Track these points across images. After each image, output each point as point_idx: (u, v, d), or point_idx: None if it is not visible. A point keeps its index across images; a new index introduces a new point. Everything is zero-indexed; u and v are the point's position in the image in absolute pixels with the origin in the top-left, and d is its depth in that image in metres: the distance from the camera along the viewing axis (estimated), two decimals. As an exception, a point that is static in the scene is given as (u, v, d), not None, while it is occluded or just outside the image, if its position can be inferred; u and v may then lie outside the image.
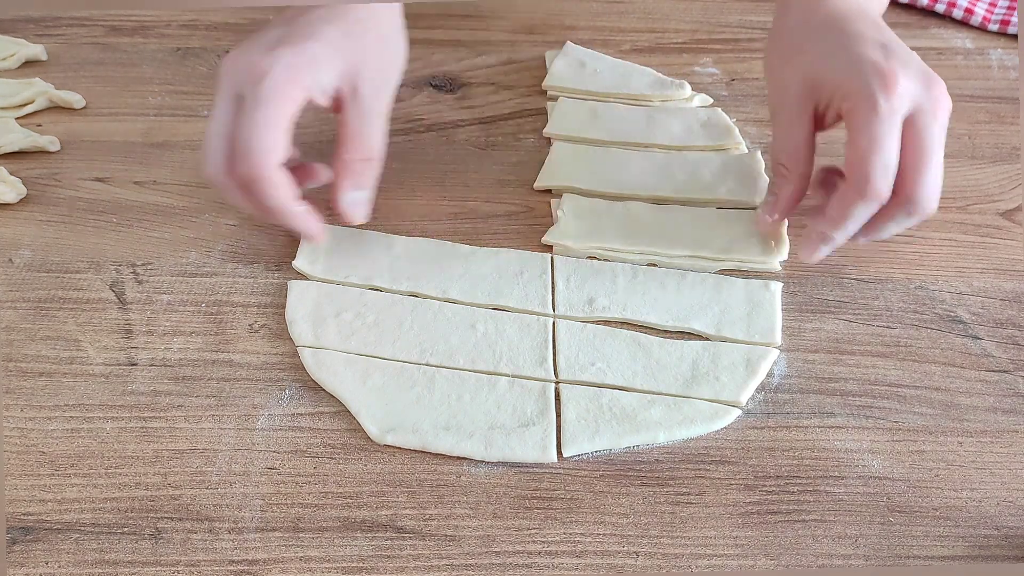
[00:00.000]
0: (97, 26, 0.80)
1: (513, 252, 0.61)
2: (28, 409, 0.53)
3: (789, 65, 0.58)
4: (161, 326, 0.57)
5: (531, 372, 0.55)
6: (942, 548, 0.48)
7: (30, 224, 0.63)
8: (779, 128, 0.59)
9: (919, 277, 0.62)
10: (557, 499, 0.50)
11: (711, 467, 0.51)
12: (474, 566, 0.47)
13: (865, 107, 0.52)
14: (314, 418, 0.53)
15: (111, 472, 0.50)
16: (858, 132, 0.52)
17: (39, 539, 0.47)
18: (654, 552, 0.48)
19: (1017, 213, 0.66)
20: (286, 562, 0.47)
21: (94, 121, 0.71)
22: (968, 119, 0.74)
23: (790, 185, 0.58)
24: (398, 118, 0.72)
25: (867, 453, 0.52)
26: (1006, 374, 0.56)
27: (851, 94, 0.53)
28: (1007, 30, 0.82)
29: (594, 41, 0.80)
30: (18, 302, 0.58)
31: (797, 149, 0.57)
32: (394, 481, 0.50)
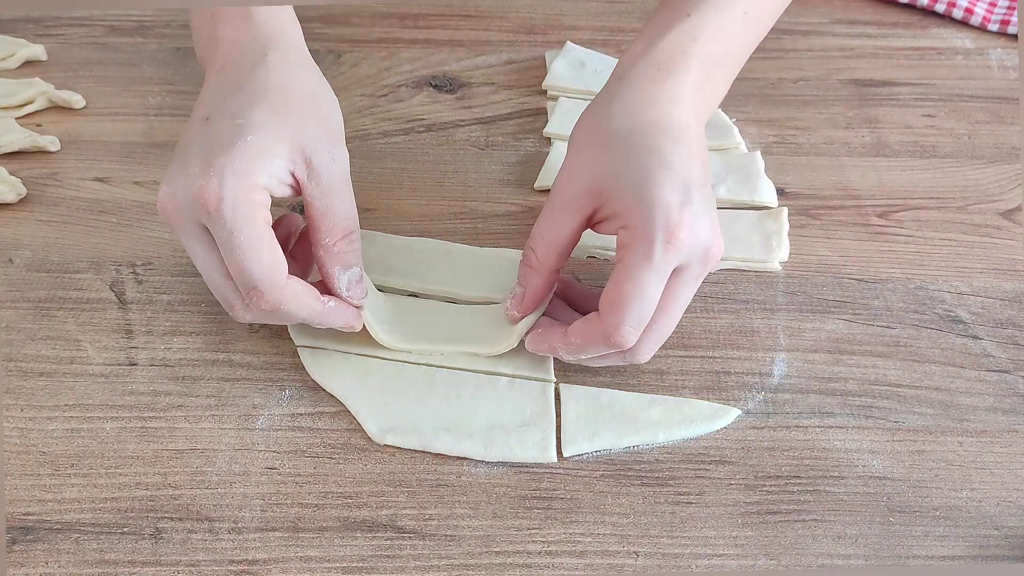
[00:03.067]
0: (97, 26, 0.80)
1: (513, 252, 0.61)
2: (28, 409, 0.53)
3: (589, 156, 0.52)
4: (161, 326, 0.57)
5: (531, 372, 0.55)
6: (942, 548, 0.48)
7: (30, 224, 0.63)
8: (548, 214, 0.52)
9: (919, 277, 0.62)
10: (557, 499, 0.50)
11: (711, 467, 0.51)
12: (474, 566, 0.47)
13: (641, 249, 0.48)
14: (314, 418, 0.53)
15: (111, 472, 0.50)
16: (625, 272, 0.48)
17: (39, 539, 0.47)
18: (654, 552, 0.48)
19: (1017, 213, 0.66)
20: (286, 562, 0.47)
21: (94, 121, 0.71)
22: (968, 119, 0.74)
23: (538, 278, 0.53)
24: (398, 118, 0.72)
25: (867, 453, 0.52)
26: (1006, 374, 0.56)
27: (633, 228, 0.49)
28: (1007, 30, 0.82)
29: (594, 41, 0.80)
30: (18, 302, 0.58)
31: (557, 243, 0.52)
32: (394, 481, 0.50)
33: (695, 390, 0.55)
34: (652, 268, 0.48)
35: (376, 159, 0.69)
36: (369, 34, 0.80)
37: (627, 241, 0.49)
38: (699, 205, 0.49)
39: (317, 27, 0.80)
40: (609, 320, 0.49)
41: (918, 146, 0.71)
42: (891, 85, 0.77)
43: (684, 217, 0.48)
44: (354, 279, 0.53)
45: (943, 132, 0.73)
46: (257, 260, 0.48)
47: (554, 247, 0.52)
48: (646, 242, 0.48)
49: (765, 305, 0.60)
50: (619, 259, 0.49)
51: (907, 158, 0.70)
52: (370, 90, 0.75)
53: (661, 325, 0.50)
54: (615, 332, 0.48)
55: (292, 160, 0.50)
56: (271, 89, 0.51)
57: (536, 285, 0.53)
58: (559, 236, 0.52)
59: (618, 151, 0.51)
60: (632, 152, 0.51)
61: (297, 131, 0.51)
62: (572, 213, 0.52)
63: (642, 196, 0.49)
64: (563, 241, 0.52)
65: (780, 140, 0.71)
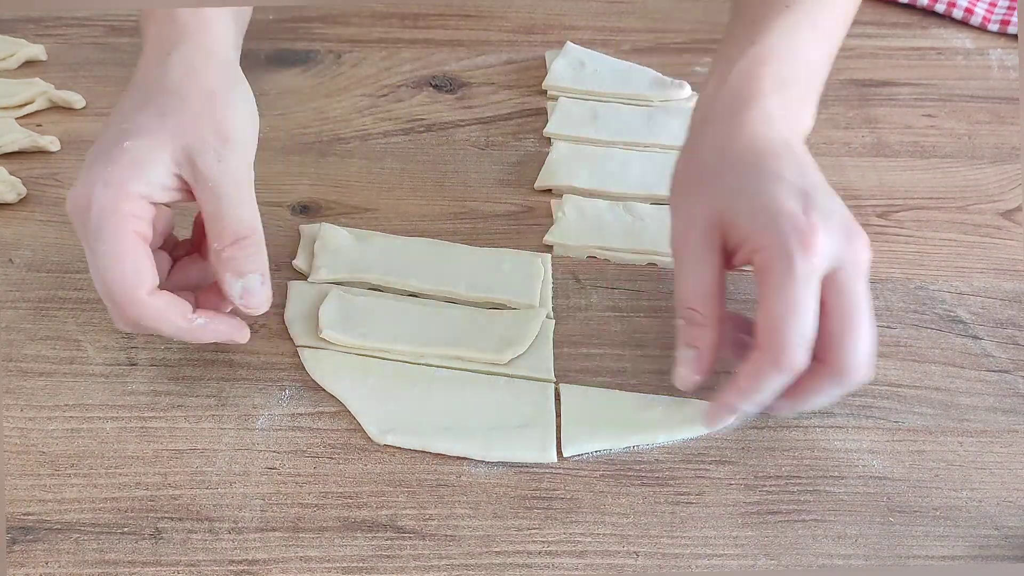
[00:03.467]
0: (97, 26, 0.80)
1: (513, 252, 0.61)
2: (28, 409, 0.53)
3: (698, 197, 0.51)
4: (161, 326, 0.57)
5: (531, 372, 0.55)
6: (942, 548, 0.48)
7: (30, 224, 0.63)
8: (685, 267, 0.50)
9: (919, 277, 0.62)
10: (557, 499, 0.50)
11: (711, 467, 0.51)
12: (474, 566, 0.47)
13: (780, 267, 0.46)
14: (314, 418, 0.53)
15: (111, 472, 0.50)
16: (772, 294, 0.46)
17: (39, 539, 0.47)
18: (654, 552, 0.48)
19: (1017, 213, 0.66)
20: (286, 562, 0.47)
21: (94, 121, 0.71)
22: (968, 119, 0.74)
23: (710, 332, 0.50)
24: (398, 118, 0.72)
25: (867, 453, 0.52)
26: (1006, 374, 0.56)
27: (765, 249, 0.47)
28: (1007, 30, 0.82)
29: (594, 41, 0.80)
30: (18, 302, 0.58)
31: (708, 291, 0.50)
32: (394, 481, 0.50)
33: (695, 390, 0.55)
34: (796, 280, 0.46)
35: (376, 159, 0.69)
36: (369, 34, 0.80)
37: (764, 263, 0.47)
38: (825, 206, 0.47)
39: (317, 27, 0.80)
40: (772, 347, 0.46)
41: (918, 146, 0.71)
42: (891, 85, 0.77)
43: (812, 219, 0.46)
44: (251, 287, 0.50)
45: (943, 132, 0.73)
46: (117, 272, 0.47)
47: (712, 296, 0.50)
48: (782, 257, 0.46)
49: (765, 305, 0.59)
50: (762, 283, 0.47)
51: (907, 158, 0.70)
52: (370, 90, 0.75)
53: (856, 334, 0.47)
54: (781, 355, 0.46)
55: (177, 163, 0.49)
56: (166, 91, 0.50)
57: (710, 340, 0.50)
58: (706, 284, 0.50)
59: (725, 181, 0.50)
60: (740, 177, 0.49)
61: (183, 133, 0.49)
62: (706, 255, 0.50)
63: (763, 216, 0.47)
64: (715, 285, 0.50)
65: (780, 140, 0.71)
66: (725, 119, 0.52)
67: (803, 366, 0.46)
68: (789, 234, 0.46)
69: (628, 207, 0.64)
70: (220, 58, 0.53)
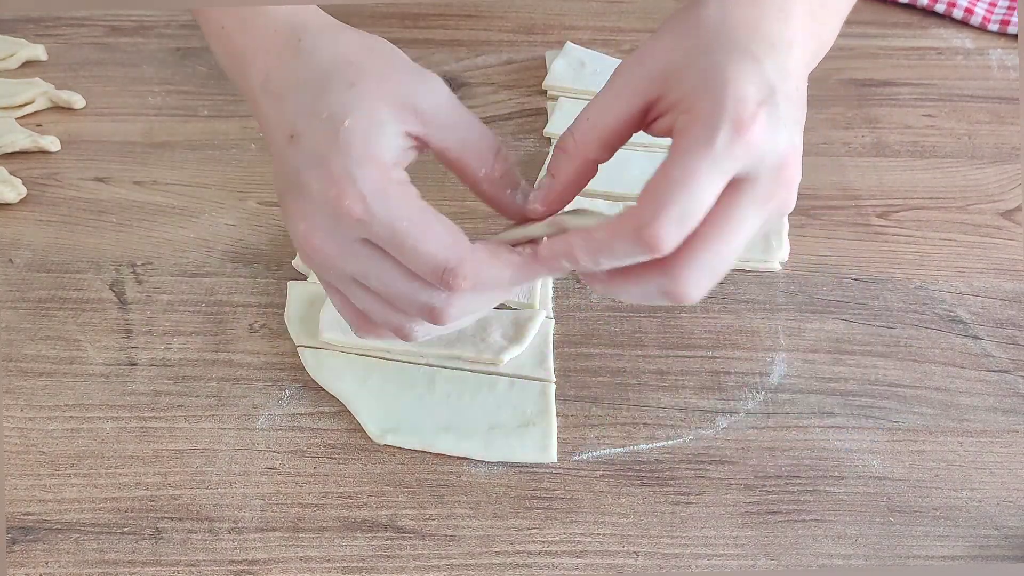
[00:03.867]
0: (97, 26, 0.80)
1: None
2: (28, 409, 0.53)
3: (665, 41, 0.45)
4: (161, 326, 0.57)
5: (531, 372, 0.55)
6: (942, 548, 0.48)
7: (30, 224, 0.63)
8: (600, 95, 0.45)
9: (919, 277, 0.62)
10: (557, 499, 0.50)
11: (711, 467, 0.51)
12: (474, 566, 0.47)
13: (699, 135, 0.40)
14: (314, 418, 0.53)
15: (111, 472, 0.50)
16: (674, 159, 0.40)
17: (39, 539, 0.47)
18: (654, 552, 0.48)
19: (1017, 213, 0.66)
20: (286, 562, 0.47)
21: (94, 121, 0.71)
22: (968, 119, 0.74)
23: (570, 165, 0.45)
24: (398, 118, 0.72)
25: (867, 453, 0.52)
26: (1006, 374, 0.56)
27: (693, 111, 0.41)
28: (1007, 30, 0.82)
29: (594, 41, 0.80)
30: (18, 302, 0.58)
31: (601, 126, 0.44)
32: (394, 481, 0.50)
33: (695, 390, 0.55)
34: (709, 157, 0.39)
35: (376, 159, 0.69)
36: (369, 34, 0.80)
37: (685, 126, 0.41)
38: (784, 112, 0.41)
39: (317, 27, 0.80)
40: (645, 209, 0.40)
41: (918, 146, 0.71)
42: (891, 85, 0.77)
43: (760, 113, 0.40)
44: (526, 193, 0.46)
45: (943, 132, 0.73)
46: (435, 237, 0.42)
47: (597, 130, 0.44)
48: (708, 127, 0.39)
49: (765, 305, 0.60)
50: (672, 147, 0.41)
51: (907, 158, 0.70)
52: (370, 90, 0.75)
53: (714, 248, 0.41)
54: (650, 224, 0.39)
55: (400, 119, 0.44)
56: (328, 70, 0.45)
57: (567, 173, 0.45)
58: (606, 119, 0.44)
59: (701, 38, 0.43)
60: (717, 41, 0.43)
61: (384, 89, 0.44)
62: (628, 96, 0.44)
63: (714, 80, 0.41)
64: (609, 125, 0.44)
65: (780, 140, 0.71)
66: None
67: (665, 249, 0.40)
68: (728, 109, 0.40)
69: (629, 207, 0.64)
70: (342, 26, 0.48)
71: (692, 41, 0.43)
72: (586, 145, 0.44)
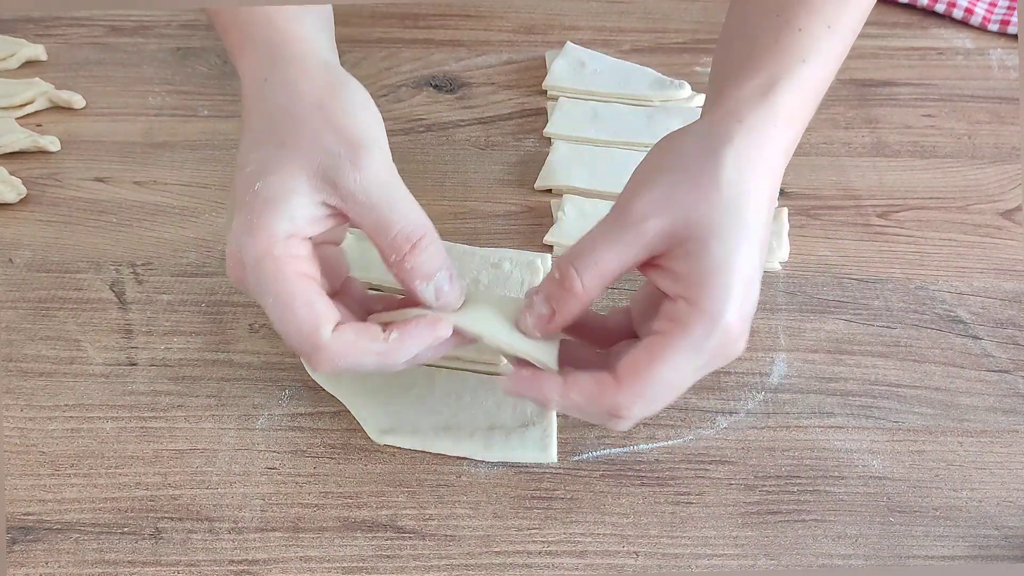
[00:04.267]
0: (97, 26, 0.80)
1: (514, 252, 0.61)
2: (28, 409, 0.53)
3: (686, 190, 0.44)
4: (161, 326, 0.57)
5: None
6: (942, 548, 0.48)
7: (30, 224, 0.63)
8: (612, 238, 0.45)
9: (919, 277, 0.62)
10: (557, 499, 0.50)
11: (711, 467, 0.51)
12: (474, 566, 0.47)
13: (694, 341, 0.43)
14: (314, 418, 0.53)
15: (111, 472, 0.50)
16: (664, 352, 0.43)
17: (39, 539, 0.47)
18: (654, 552, 0.48)
19: (1017, 213, 0.66)
20: (286, 562, 0.47)
21: (94, 121, 0.71)
22: (968, 119, 0.74)
23: (577, 307, 0.45)
24: (398, 118, 0.72)
25: (867, 453, 0.52)
26: (1006, 374, 0.56)
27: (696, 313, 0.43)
28: (1007, 30, 0.82)
29: (594, 41, 0.80)
30: (18, 302, 0.58)
31: (609, 274, 0.45)
32: (394, 481, 0.50)
33: (695, 390, 0.54)
34: (696, 363, 0.44)
35: (376, 159, 0.69)
36: (369, 34, 0.80)
37: (684, 318, 0.43)
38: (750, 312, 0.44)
39: (317, 27, 0.80)
40: (627, 393, 0.43)
41: (918, 146, 0.71)
42: (891, 85, 0.77)
43: (745, 330, 0.44)
44: (442, 286, 0.46)
45: (943, 132, 0.73)
46: (291, 320, 0.43)
47: (604, 278, 0.45)
48: (702, 335, 0.43)
49: (765, 305, 0.60)
50: (665, 331, 0.43)
51: (907, 158, 0.70)
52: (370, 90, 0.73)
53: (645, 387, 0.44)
54: (628, 406, 0.44)
55: (315, 189, 0.44)
56: (275, 116, 0.46)
57: (572, 313, 0.46)
58: (614, 268, 0.45)
59: (718, 208, 0.44)
60: (731, 219, 0.44)
61: (309, 155, 0.44)
62: (639, 248, 0.44)
63: (724, 283, 0.43)
64: (616, 273, 0.45)
65: (780, 140, 0.71)
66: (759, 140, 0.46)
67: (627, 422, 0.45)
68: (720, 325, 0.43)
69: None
70: (315, 63, 0.48)
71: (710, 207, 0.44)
72: (593, 291, 0.45)
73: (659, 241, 0.44)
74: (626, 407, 0.44)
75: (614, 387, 0.44)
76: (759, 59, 0.49)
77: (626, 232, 0.44)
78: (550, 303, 0.46)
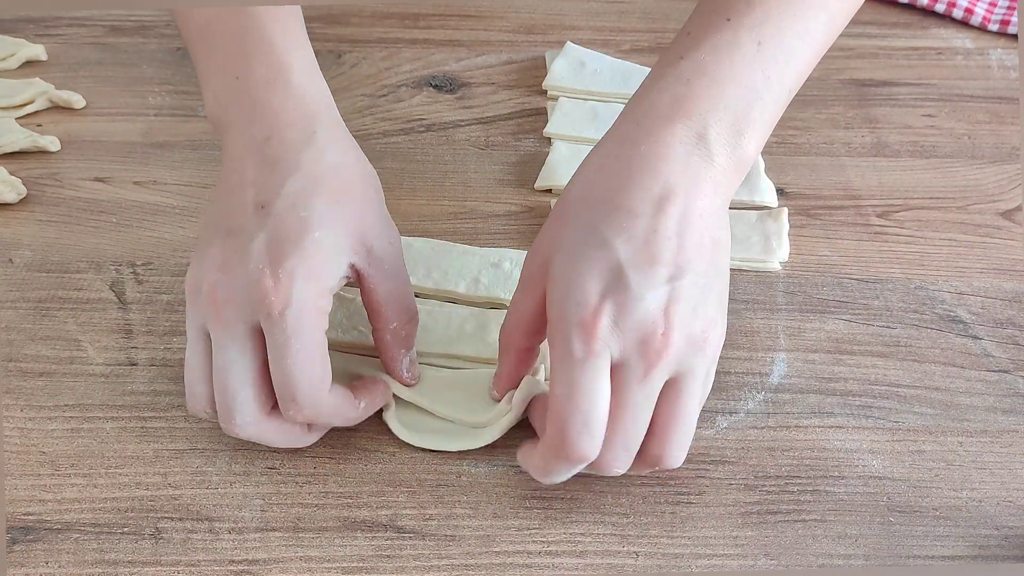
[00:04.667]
0: (97, 26, 0.80)
1: (514, 252, 0.61)
2: (28, 409, 0.53)
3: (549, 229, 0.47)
4: (161, 326, 0.57)
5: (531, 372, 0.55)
6: (942, 548, 0.48)
7: (30, 224, 0.63)
8: (517, 289, 0.49)
9: (919, 277, 0.62)
10: (557, 499, 0.50)
11: (711, 467, 0.51)
12: (474, 566, 0.47)
13: (560, 348, 0.43)
14: (314, 418, 0.53)
15: (111, 472, 0.50)
16: (553, 376, 0.44)
17: (39, 539, 0.47)
18: (654, 552, 0.48)
19: (1017, 213, 0.66)
20: (286, 562, 0.47)
21: (94, 121, 0.71)
22: (968, 119, 0.74)
23: (508, 359, 0.50)
24: (398, 118, 0.72)
25: (867, 453, 0.52)
26: (1006, 374, 0.56)
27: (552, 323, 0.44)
28: (1007, 30, 0.82)
29: (594, 41, 0.80)
30: (18, 302, 0.58)
31: (521, 322, 0.48)
32: (394, 481, 0.50)
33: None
34: (575, 366, 0.43)
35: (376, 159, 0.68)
36: (369, 34, 0.80)
37: (550, 336, 0.45)
38: (636, 289, 0.43)
39: (317, 27, 0.80)
40: (554, 434, 0.44)
41: (918, 146, 0.71)
42: (891, 85, 0.77)
43: (603, 307, 0.43)
44: (414, 358, 0.52)
45: (943, 132, 0.73)
46: (308, 373, 0.45)
47: (518, 327, 0.48)
48: (563, 338, 0.43)
49: (765, 305, 0.60)
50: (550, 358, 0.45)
51: (907, 158, 0.70)
52: (370, 90, 0.75)
53: (620, 429, 0.44)
54: (564, 447, 0.43)
55: (355, 252, 0.48)
56: (327, 174, 0.48)
57: (508, 365, 0.50)
58: (521, 315, 0.48)
59: (564, 226, 0.46)
60: (569, 230, 0.45)
61: (357, 220, 0.48)
62: (529, 291, 0.47)
63: (558, 286, 0.44)
64: (524, 320, 0.48)
65: (780, 140, 0.71)
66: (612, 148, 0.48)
67: (589, 456, 0.44)
68: (570, 316, 0.43)
69: None
70: (350, 136, 0.52)
71: (556, 230, 0.46)
72: (514, 339, 0.49)
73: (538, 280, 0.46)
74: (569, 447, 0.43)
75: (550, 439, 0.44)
76: None
77: (521, 281, 0.48)
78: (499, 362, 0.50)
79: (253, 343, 0.46)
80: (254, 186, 0.48)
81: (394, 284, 0.49)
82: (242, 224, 0.47)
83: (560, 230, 0.46)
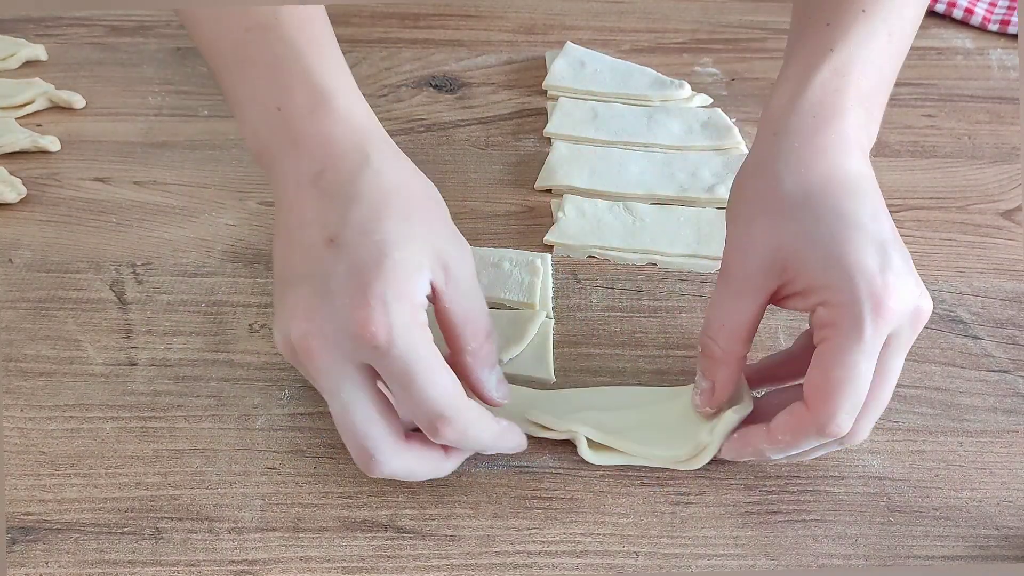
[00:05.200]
0: (97, 26, 0.80)
1: (513, 252, 0.61)
2: (28, 409, 0.53)
3: (763, 227, 0.47)
4: (161, 326, 0.57)
5: (531, 372, 0.55)
6: (942, 548, 0.48)
7: (30, 224, 0.63)
8: (724, 297, 0.48)
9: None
10: (557, 499, 0.50)
11: (711, 467, 0.51)
12: (474, 566, 0.47)
13: (849, 330, 0.43)
14: (314, 418, 0.53)
15: (111, 472, 0.50)
16: (833, 356, 0.44)
17: (39, 539, 0.47)
18: (654, 552, 0.48)
19: (1017, 213, 0.66)
20: (286, 562, 0.47)
21: (94, 121, 0.71)
22: (968, 119, 0.74)
23: (726, 370, 0.48)
24: (398, 118, 0.72)
25: (867, 453, 0.52)
26: (1006, 374, 0.56)
27: (834, 306, 0.44)
28: (1007, 30, 0.82)
29: (594, 41, 0.80)
30: (18, 302, 0.58)
31: (739, 329, 0.47)
32: (394, 481, 0.50)
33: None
34: (864, 348, 0.43)
35: (376, 159, 0.69)
36: (369, 34, 0.80)
37: (830, 320, 0.44)
38: (900, 264, 0.45)
39: (317, 27, 0.80)
40: (822, 411, 0.44)
41: (918, 146, 0.71)
42: (891, 85, 0.77)
43: (889, 282, 0.44)
44: (499, 377, 0.49)
45: (943, 132, 0.73)
46: (441, 385, 0.44)
47: (737, 334, 0.47)
48: (853, 319, 0.43)
49: (765, 305, 0.59)
50: (823, 339, 0.45)
51: (907, 158, 0.70)
52: (370, 90, 0.75)
53: (877, 400, 0.46)
54: (830, 423, 0.44)
55: (432, 269, 0.45)
56: (390, 195, 0.46)
57: (725, 377, 0.48)
58: (741, 321, 0.47)
59: (797, 218, 0.46)
60: (814, 217, 0.46)
61: (432, 237, 0.46)
62: (753, 294, 0.47)
63: (838, 267, 0.44)
64: (746, 326, 0.47)
65: (780, 140, 0.71)
66: (802, 137, 0.48)
67: (846, 433, 0.45)
68: (864, 294, 0.43)
69: (628, 207, 0.64)
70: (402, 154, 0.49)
71: (791, 226, 0.46)
72: (733, 349, 0.48)
73: (765, 280, 0.47)
74: (832, 424, 0.44)
75: (806, 413, 0.45)
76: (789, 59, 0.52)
77: (731, 287, 0.48)
78: (707, 377, 0.49)
79: (363, 378, 0.44)
80: (317, 223, 0.45)
81: (470, 303, 0.47)
82: (315, 265, 0.44)
83: (786, 224, 0.46)
